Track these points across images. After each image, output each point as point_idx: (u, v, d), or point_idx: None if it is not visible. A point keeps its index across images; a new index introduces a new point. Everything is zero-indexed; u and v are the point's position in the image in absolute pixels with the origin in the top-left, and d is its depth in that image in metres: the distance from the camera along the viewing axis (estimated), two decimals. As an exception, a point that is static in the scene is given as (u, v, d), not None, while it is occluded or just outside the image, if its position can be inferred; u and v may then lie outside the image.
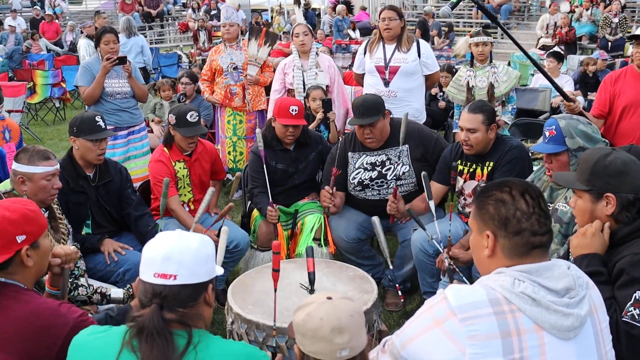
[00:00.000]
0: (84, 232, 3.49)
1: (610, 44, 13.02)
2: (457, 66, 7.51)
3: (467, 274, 3.43)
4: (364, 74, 4.85)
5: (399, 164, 3.77)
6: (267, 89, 5.68)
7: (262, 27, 6.26)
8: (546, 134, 2.85)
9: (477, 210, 1.72)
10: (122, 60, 4.81)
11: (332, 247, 3.83)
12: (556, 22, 13.48)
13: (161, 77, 10.42)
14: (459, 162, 3.57)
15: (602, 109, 3.95)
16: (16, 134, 4.39)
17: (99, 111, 4.20)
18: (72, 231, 3.22)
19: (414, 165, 3.77)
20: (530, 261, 1.62)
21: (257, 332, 2.49)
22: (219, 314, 3.51)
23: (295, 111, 3.89)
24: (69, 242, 3.08)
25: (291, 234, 4.04)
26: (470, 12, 18.35)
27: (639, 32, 3.80)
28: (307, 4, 18.89)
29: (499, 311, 1.52)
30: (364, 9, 18.43)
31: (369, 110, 3.63)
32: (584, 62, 9.09)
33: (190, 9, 20.35)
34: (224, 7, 5.75)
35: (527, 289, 1.55)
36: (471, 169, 3.52)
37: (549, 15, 14.10)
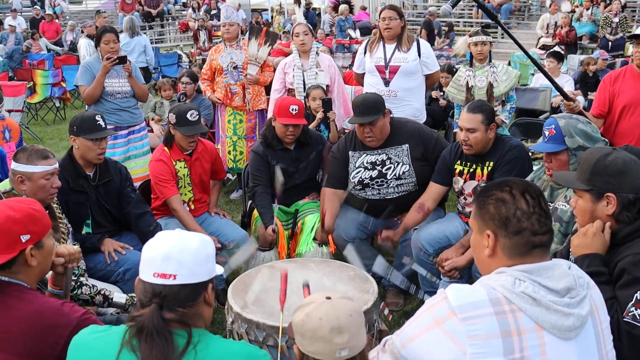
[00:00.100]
0: (84, 231, 3.48)
1: (610, 43, 13.00)
2: (458, 66, 7.51)
3: (466, 274, 3.44)
4: (364, 74, 4.85)
5: (399, 164, 3.77)
6: (268, 89, 5.67)
7: (262, 27, 6.25)
8: (546, 133, 2.86)
9: (477, 210, 1.72)
10: (122, 59, 4.81)
11: (332, 246, 3.82)
12: (556, 22, 13.47)
13: (161, 77, 10.42)
14: (458, 162, 3.57)
15: (602, 109, 3.95)
16: (16, 134, 4.40)
17: (99, 111, 4.19)
18: (72, 231, 3.22)
19: (414, 164, 3.76)
20: (530, 261, 1.62)
21: (257, 332, 2.49)
22: (219, 314, 3.51)
23: (295, 110, 3.89)
24: (69, 242, 3.08)
25: (291, 233, 4.05)
26: (470, 11, 18.35)
27: (639, 31, 3.80)
28: (308, 3, 18.89)
29: (499, 311, 1.52)
30: (364, 9, 18.42)
31: (369, 108, 3.63)
32: (584, 61, 9.08)
33: (190, 9, 20.35)
34: (224, 7, 5.75)
35: (528, 288, 1.54)
36: (471, 169, 3.52)
37: (549, 14, 14.09)
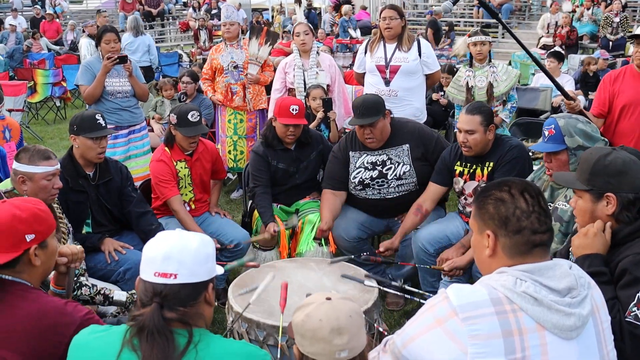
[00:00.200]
0: (84, 231, 3.49)
1: (611, 43, 13.00)
2: (458, 66, 7.51)
3: (467, 274, 3.44)
4: (364, 73, 4.85)
5: (399, 164, 3.77)
6: (268, 88, 5.68)
7: (263, 27, 6.25)
8: (545, 133, 2.86)
9: (477, 210, 1.72)
10: (123, 59, 4.81)
11: (332, 246, 3.82)
12: (557, 22, 13.46)
13: (162, 77, 10.43)
14: (458, 162, 3.57)
15: (602, 108, 3.95)
16: (16, 133, 4.39)
17: (99, 110, 4.20)
18: (72, 230, 3.22)
19: (414, 164, 3.76)
20: (531, 260, 1.62)
21: (258, 331, 2.49)
22: (220, 313, 3.51)
23: (295, 110, 3.89)
24: (69, 241, 3.08)
25: (292, 232, 4.04)
26: (471, 11, 18.35)
27: (639, 31, 3.80)
28: (310, 4, 18.87)
29: (500, 311, 1.52)
30: (365, 9, 18.42)
31: (369, 110, 3.63)
32: (584, 61, 9.07)
33: (190, 8, 20.35)
34: (224, 6, 5.75)
35: (529, 288, 1.54)
36: (471, 170, 3.52)
37: (550, 14, 14.09)
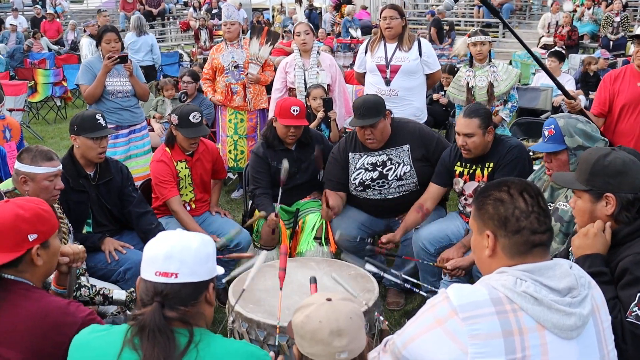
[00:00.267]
0: (84, 231, 3.49)
1: (612, 43, 12.99)
2: (459, 65, 7.50)
3: (467, 274, 3.44)
4: (365, 73, 4.85)
5: (400, 164, 3.77)
6: (269, 88, 5.67)
7: (264, 26, 6.25)
8: (545, 133, 2.85)
9: (476, 210, 1.72)
10: (123, 59, 4.81)
11: (333, 246, 3.82)
12: (558, 21, 13.46)
13: (162, 76, 10.43)
14: (458, 163, 3.57)
15: (602, 108, 3.95)
16: (17, 133, 4.39)
17: (100, 110, 4.19)
18: (72, 230, 3.22)
19: (415, 165, 3.76)
20: (531, 260, 1.62)
21: (258, 331, 2.49)
22: (220, 313, 3.51)
23: (296, 112, 3.89)
24: (70, 241, 3.08)
25: (292, 232, 4.05)
26: (471, 11, 18.33)
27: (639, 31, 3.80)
28: (311, 4, 18.86)
29: (501, 310, 1.52)
30: (365, 8, 18.42)
31: (370, 111, 3.63)
32: (585, 61, 9.07)
33: (191, 8, 20.37)
34: (225, 6, 5.75)
35: (529, 288, 1.55)
36: (471, 170, 3.52)
37: (550, 14, 14.08)
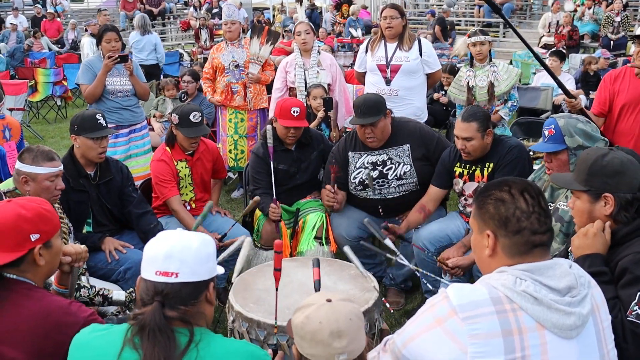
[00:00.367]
0: (84, 230, 3.49)
1: (612, 42, 12.98)
2: (459, 65, 7.50)
3: (467, 273, 3.44)
4: (365, 73, 4.85)
5: (400, 164, 3.77)
6: (269, 88, 5.67)
7: (264, 26, 6.25)
8: (545, 133, 2.85)
9: (477, 209, 1.72)
10: (124, 58, 4.81)
11: (333, 245, 3.82)
12: (558, 21, 13.45)
13: (163, 76, 10.44)
14: (458, 163, 3.57)
15: (602, 108, 3.95)
16: (17, 132, 4.38)
17: (100, 109, 4.19)
18: (73, 230, 3.22)
19: (415, 164, 3.77)
20: (531, 260, 1.62)
21: (258, 331, 2.49)
22: (220, 312, 3.51)
23: (296, 112, 3.88)
24: (70, 241, 3.09)
25: (293, 232, 4.05)
26: (472, 10, 18.33)
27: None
28: (312, 3, 18.85)
29: (500, 310, 1.52)
30: (365, 8, 18.42)
31: (370, 109, 3.63)
32: (585, 60, 9.06)
33: (191, 7, 20.37)
34: (225, 5, 5.74)
35: (529, 287, 1.55)
36: (470, 171, 3.52)
37: (551, 13, 14.08)
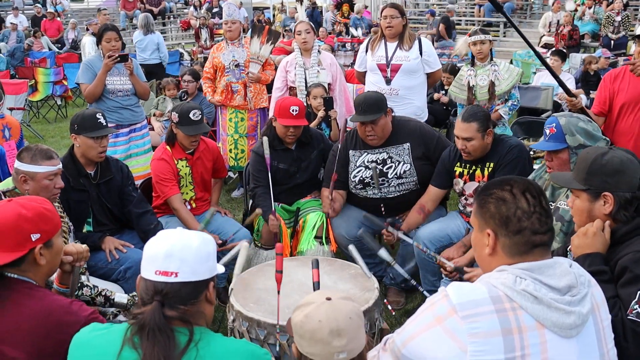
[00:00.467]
0: (85, 229, 3.49)
1: (612, 42, 12.98)
2: (460, 64, 7.50)
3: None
4: (365, 72, 4.85)
5: (400, 162, 3.77)
6: (269, 87, 5.67)
7: (265, 25, 6.25)
8: (547, 131, 2.86)
9: (478, 208, 1.72)
10: (124, 57, 4.81)
11: (333, 245, 3.82)
12: (559, 20, 13.45)
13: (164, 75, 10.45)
14: (458, 163, 3.57)
15: (602, 107, 3.95)
16: (16, 132, 4.37)
17: (100, 109, 4.19)
18: (73, 229, 3.22)
19: (415, 163, 3.76)
20: (531, 260, 1.62)
21: (259, 330, 2.49)
22: (220, 312, 3.51)
23: (296, 111, 3.88)
24: (70, 240, 3.08)
25: (293, 231, 4.04)
26: (472, 10, 18.33)
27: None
28: (313, 2, 18.85)
29: (500, 309, 1.52)
30: (365, 7, 18.43)
31: (371, 107, 3.63)
32: (585, 60, 9.06)
33: (192, 7, 20.36)
34: (226, 5, 5.73)
35: (529, 286, 1.55)
36: (471, 171, 3.51)
37: (552, 13, 14.07)
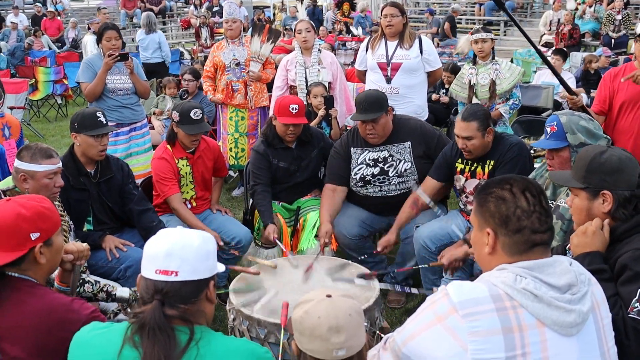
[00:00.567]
0: (85, 228, 3.49)
1: (613, 41, 12.96)
2: (461, 63, 7.49)
3: (468, 270, 3.44)
4: (366, 71, 4.85)
5: (400, 161, 3.77)
6: (270, 86, 5.67)
7: (265, 24, 6.24)
8: (547, 130, 2.86)
9: (478, 207, 1.72)
10: (124, 56, 4.81)
11: (334, 244, 3.82)
12: (559, 19, 13.44)
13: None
14: (459, 160, 3.57)
15: (602, 105, 3.95)
16: (16, 131, 4.37)
17: (100, 107, 4.19)
18: (73, 228, 3.22)
19: (415, 162, 3.76)
20: (531, 258, 1.61)
21: (259, 329, 2.49)
22: (220, 311, 3.51)
23: (295, 110, 3.87)
24: (71, 239, 3.08)
25: (293, 230, 4.04)
26: (472, 9, 18.31)
27: None
28: (314, 1, 18.82)
29: (500, 307, 1.52)
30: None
31: (372, 106, 3.63)
32: (586, 59, 9.05)
33: (192, 6, 20.33)
34: (226, 3, 5.72)
35: (529, 285, 1.55)
36: (472, 167, 3.51)
37: (552, 12, 14.06)
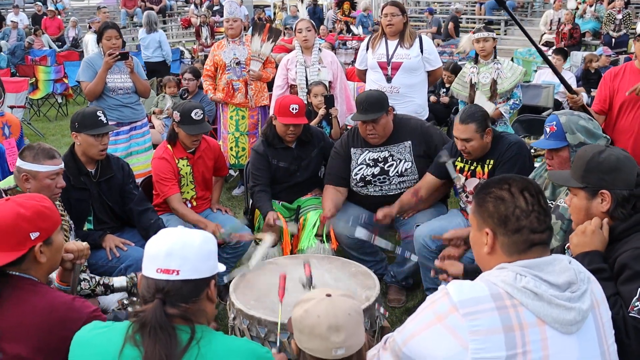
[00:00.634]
0: (85, 227, 3.49)
1: (614, 40, 12.95)
2: (462, 62, 7.49)
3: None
4: (366, 70, 4.85)
5: (401, 161, 3.77)
6: (270, 85, 5.67)
7: (265, 23, 6.24)
8: (547, 129, 2.86)
9: (476, 207, 1.72)
10: (124, 55, 4.81)
11: (334, 243, 3.82)
12: (560, 19, 13.43)
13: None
14: (459, 159, 3.57)
15: (603, 105, 3.95)
16: (16, 130, 4.37)
17: (101, 107, 4.19)
18: (73, 227, 3.22)
19: (416, 161, 3.76)
20: (530, 258, 1.61)
21: (259, 328, 2.49)
22: (221, 310, 3.51)
23: (295, 110, 3.87)
24: (71, 238, 3.09)
25: (293, 229, 4.05)
26: (473, 8, 18.30)
27: None
28: (314, 0, 18.81)
29: (501, 306, 1.52)
30: (367, 6, 18.43)
31: (373, 106, 3.63)
32: (586, 58, 9.05)
33: (192, 5, 20.33)
34: (227, 3, 5.71)
35: (529, 283, 1.55)
36: (472, 167, 3.52)
37: (553, 11, 14.06)
